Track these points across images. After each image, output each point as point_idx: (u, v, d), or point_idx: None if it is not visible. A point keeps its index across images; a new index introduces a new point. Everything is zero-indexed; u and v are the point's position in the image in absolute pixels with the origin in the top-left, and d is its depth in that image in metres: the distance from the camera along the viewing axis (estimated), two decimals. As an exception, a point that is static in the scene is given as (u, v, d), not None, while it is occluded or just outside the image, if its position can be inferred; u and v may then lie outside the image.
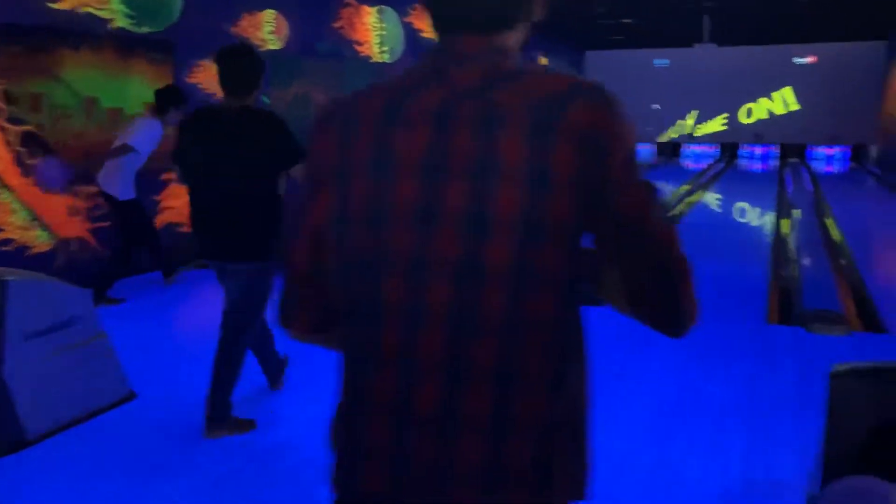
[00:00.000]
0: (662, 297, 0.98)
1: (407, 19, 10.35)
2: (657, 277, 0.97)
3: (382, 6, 9.66)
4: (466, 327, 0.93)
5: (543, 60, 16.28)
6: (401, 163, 0.95)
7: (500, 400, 0.93)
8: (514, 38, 1.04)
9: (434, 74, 0.99)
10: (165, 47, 6.43)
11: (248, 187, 3.00)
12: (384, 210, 0.96)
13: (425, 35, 10.88)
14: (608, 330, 4.84)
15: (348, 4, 8.96)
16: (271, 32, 7.67)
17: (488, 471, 0.94)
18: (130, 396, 3.57)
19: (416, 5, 10.53)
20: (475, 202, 0.92)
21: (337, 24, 8.74)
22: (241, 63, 3.06)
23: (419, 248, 0.94)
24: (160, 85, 5.65)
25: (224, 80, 3.05)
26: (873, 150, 17.23)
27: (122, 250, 5.50)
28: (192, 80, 6.75)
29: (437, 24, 1.04)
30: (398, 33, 10.14)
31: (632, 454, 3.02)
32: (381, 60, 9.71)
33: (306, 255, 1.05)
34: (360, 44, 9.26)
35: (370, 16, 9.43)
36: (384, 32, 9.75)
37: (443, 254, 0.93)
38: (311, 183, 1.05)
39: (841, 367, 1.57)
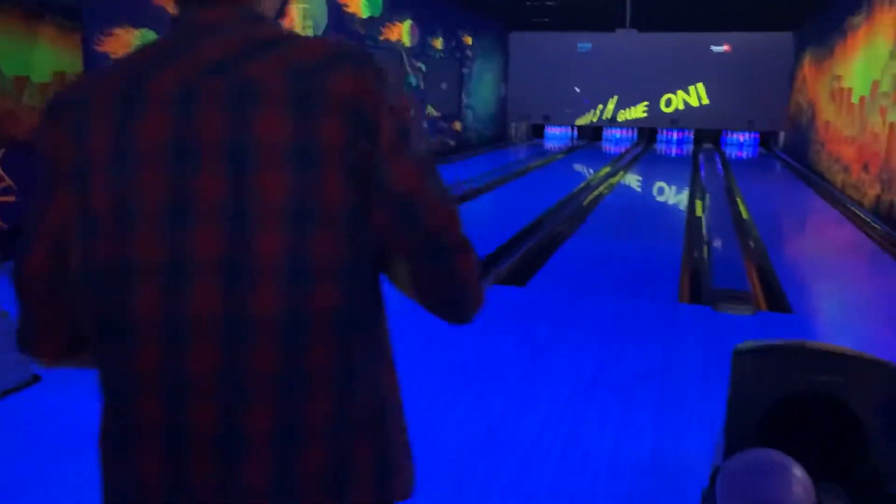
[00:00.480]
0: (442, 281, 0.92)
1: (331, -7, 10.16)
2: (435, 261, 0.90)
3: (305, -21, 9.45)
4: (240, 335, 0.82)
5: (468, 40, 16.28)
6: (145, 153, 0.83)
7: (285, 410, 0.84)
8: (267, 2, 0.96)
9: (176, 50, 0.88)
10: (74, 13, 6.11)
11: None
12: (131, 209, 0.83)
13: (349, 10, 10.70)
14: (529, 310, 4.92)
15: (270, -25, 8.72)
16: None
17: (279, 487, 0.85)
18: (33, 380, 3.42)
19: (341, -21, 10.33)
20: (235, 191, 0.81)
21: (258, -4, 8.50)
22: None
23: (174, 250, 0.82)
24: (68, 52, 5.37)
25: None
26: (781, 137, 18.00)
27: None
28: (103, 49, 6.44)
29: None
30: (322, 7, 9.94)
31: (549, 428, 3.09)
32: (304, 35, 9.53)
33: (43, 268, 0.89)
34: (282, 15, 9.03)
35: (293, -12, 9.22)
36: (307, 5, 9.53)
37: (203, 255, 0.81)
38: (43, 183, 0.89)
39: (743, 345, 1.63)
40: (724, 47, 18.73)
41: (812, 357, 1.57)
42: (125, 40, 6.63)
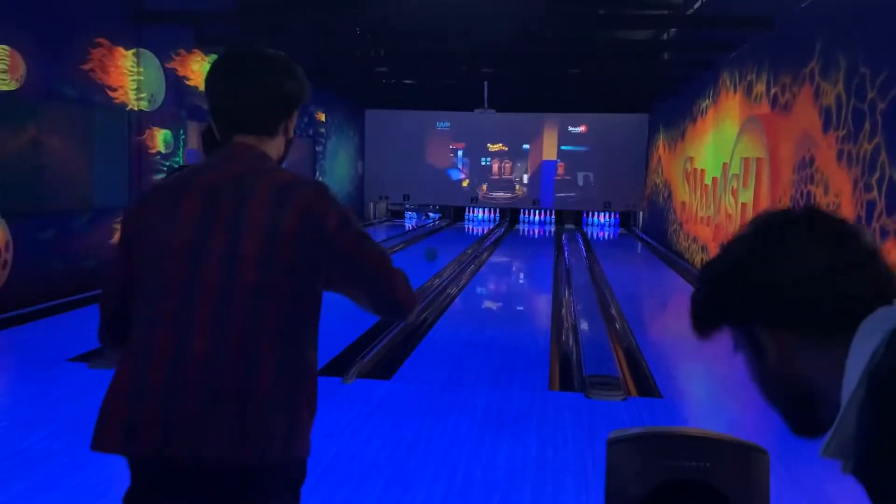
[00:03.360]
0: (382, 294, 1.72)
1: (169, 65, 10.08)
2: (374, 284, 1.71)
3: (141, 49, 9.35)
4: (223, 331, 1.57)
5: (321, 116, 16.55)
6: (182, 219, 1.63)
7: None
8: (272, 149, 1.77)
9: (214, 165, 1.75)
10: None
11: None
12: (169, 250, 1.62)
13: (190, 83, 10.65)
14: (396, 405, 4.95)
15: (99, 45, 8.57)
16: (4, 71, 7.13)
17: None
18: None
19: (181, 50, 10.31)
20: (231, 244, 1.60)
21: (86, 66, 8.32)
22: None
23: (191, 273, 1.59)
24: None
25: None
26: (640, 217, 19.35)
27: None
28: None
29: (219, 128, 1.78)
30: (159, 79, 9.84)
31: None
32: (138, 108, 9.34)
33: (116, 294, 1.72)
34: (113, 89, 8.86)
35: (125, 59, 9.08)
36: (142, 78, 9.41)
37: (208, 280, 1.59)
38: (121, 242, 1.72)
39: (616, 433, 1.76)
40: (581, 128, 20.06)
41: (680, 443, 1.71)
42: None
